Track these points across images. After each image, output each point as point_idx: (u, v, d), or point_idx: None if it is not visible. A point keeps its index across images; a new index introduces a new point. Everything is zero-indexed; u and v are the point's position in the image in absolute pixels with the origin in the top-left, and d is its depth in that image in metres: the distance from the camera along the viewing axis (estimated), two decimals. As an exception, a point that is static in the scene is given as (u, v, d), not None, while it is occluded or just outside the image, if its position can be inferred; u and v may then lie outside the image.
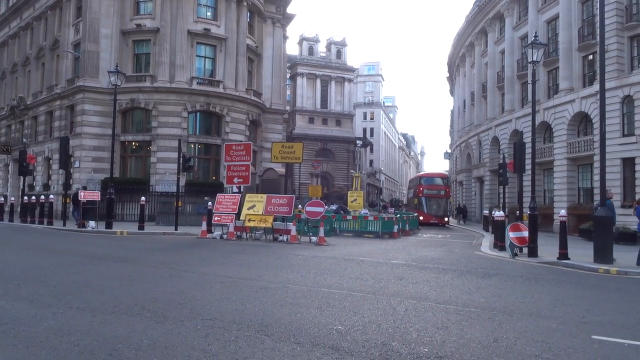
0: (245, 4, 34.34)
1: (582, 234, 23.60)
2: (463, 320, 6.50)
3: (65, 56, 34.66)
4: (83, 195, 22.14)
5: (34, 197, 26.24)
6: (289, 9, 40.42)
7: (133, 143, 32.57)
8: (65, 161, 23.84)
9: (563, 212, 15.01)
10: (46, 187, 34.90)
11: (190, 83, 32.00)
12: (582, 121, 29.48)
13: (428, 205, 39.34)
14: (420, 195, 40.32)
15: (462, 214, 45.23)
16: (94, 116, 31.52)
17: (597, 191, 26.27)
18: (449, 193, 43.20)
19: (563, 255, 13.83)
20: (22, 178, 29.19)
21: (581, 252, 15.00)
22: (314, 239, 18.21)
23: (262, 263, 11.91)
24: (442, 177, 44.18)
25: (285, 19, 40.24)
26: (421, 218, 35.66)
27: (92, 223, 21.56)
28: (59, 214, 26.91)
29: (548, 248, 15.90)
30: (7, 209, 27.93)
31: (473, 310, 7.09)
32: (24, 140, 36.34)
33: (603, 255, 13.04)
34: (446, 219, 39.41)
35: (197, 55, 33.02)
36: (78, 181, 30.04)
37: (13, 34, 44.12)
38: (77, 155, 30.69)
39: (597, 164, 25.64)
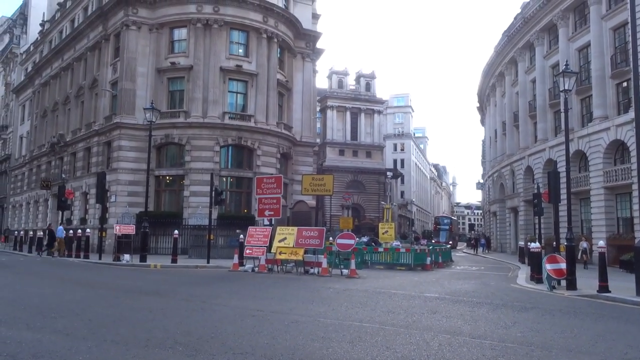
0: (275, 40, 35.16)
1: (623, 265, 22.75)
2: (499, 355, 6.32)
3: (104, 94, 35.97)
4: (119, 229, 22.67)
5: (71, 231, 26.91)
6: (319, 44, 41.14)
7: (167, 177, 33.24)
8: (102, 195, 24.49)
9: (602, 242, 14.55)
10: (83, 221, 35.75)
11: (223, 118, 32.68)
12: (618, 149, 28.80)
13: None
14: None
15: (486, 243, 45.30)
16: (130, 152, 32.38)
17: (637, 221, 25.57)
18: None
19: (603, 288, 13.35)
20: (60, 212, 30.06)
21: (623, 284, 14.45)
22: (345, 271, 18.08)
23: (293, 296, 11.87)
24: None
25: (314, 54, 40.96)
26: None
27: (126, 256, 21.97)
28: (95, 247, 27.47)
29: (587, 280, 15.40)
30: (45, 242, 28.74)
31: (509, 346, 6.89)
32: (63, 175, 37.56)
33: (646, 287, 12.52)
34: None
35: (229, 91, 33.79)
36: (114, 215, 30.69)
37: (54, 74, 46.20)
38: (113, 190, 31.42)
39: (636, 193, 24.92)
